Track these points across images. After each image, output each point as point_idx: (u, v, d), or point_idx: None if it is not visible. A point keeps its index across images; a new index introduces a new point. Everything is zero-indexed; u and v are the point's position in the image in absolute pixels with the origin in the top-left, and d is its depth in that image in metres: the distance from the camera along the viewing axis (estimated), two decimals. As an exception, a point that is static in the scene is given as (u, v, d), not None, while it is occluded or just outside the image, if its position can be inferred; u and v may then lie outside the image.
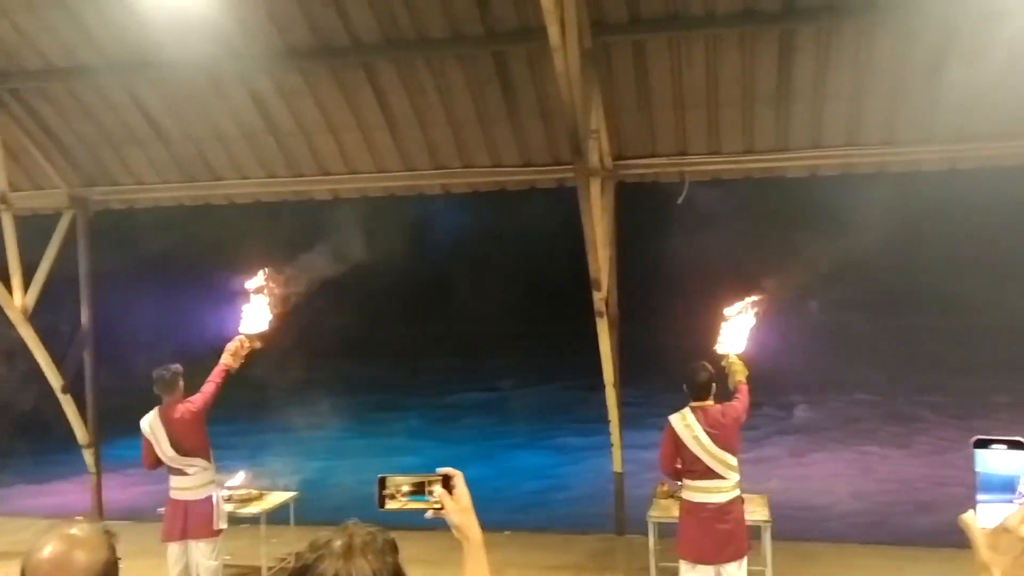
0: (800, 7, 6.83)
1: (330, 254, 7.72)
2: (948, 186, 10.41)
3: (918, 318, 25.01)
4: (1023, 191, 14.68)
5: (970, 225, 21.53)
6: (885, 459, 14.62)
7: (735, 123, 7.86)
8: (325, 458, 14.67)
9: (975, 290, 24.40)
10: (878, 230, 15.34)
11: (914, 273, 24.86)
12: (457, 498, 2.00)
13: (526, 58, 7.54)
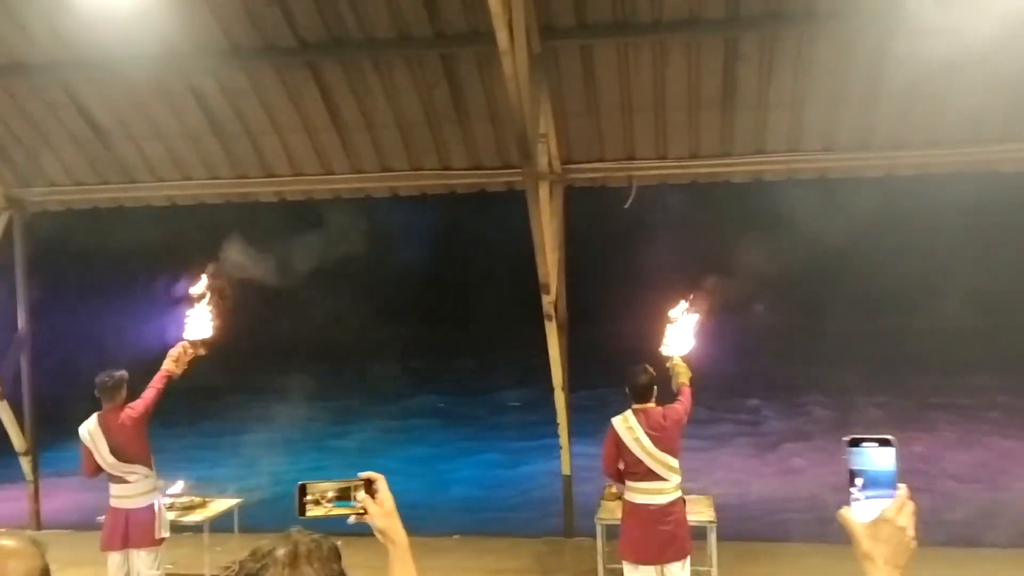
0: (744, 15, 6.94)
1: (276, 257, 7.62)
2: (887, 192, 10.67)
3: (858, 320, 25.61)
4: (958, 197, 15.18)
5: (908, 230, 22.12)
6: (831, 458, 14.90)
7: (681, 128, 7.96)
8: (269, 464, 14.46)
9: (913, 293, 25.10)
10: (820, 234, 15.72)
11: (853, 276, 25.46)
12: (381, 502, 1.98)
13: (475, 61, 7.53)
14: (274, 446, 15.24)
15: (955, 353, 21.42)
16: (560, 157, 8.12)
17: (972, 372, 20.12)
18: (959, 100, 7.37)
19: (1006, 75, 7.13)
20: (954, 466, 13.88)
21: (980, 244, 23.13)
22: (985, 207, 16.63)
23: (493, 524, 10.76)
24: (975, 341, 22.41)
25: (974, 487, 12.57)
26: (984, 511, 10.92)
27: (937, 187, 11.51)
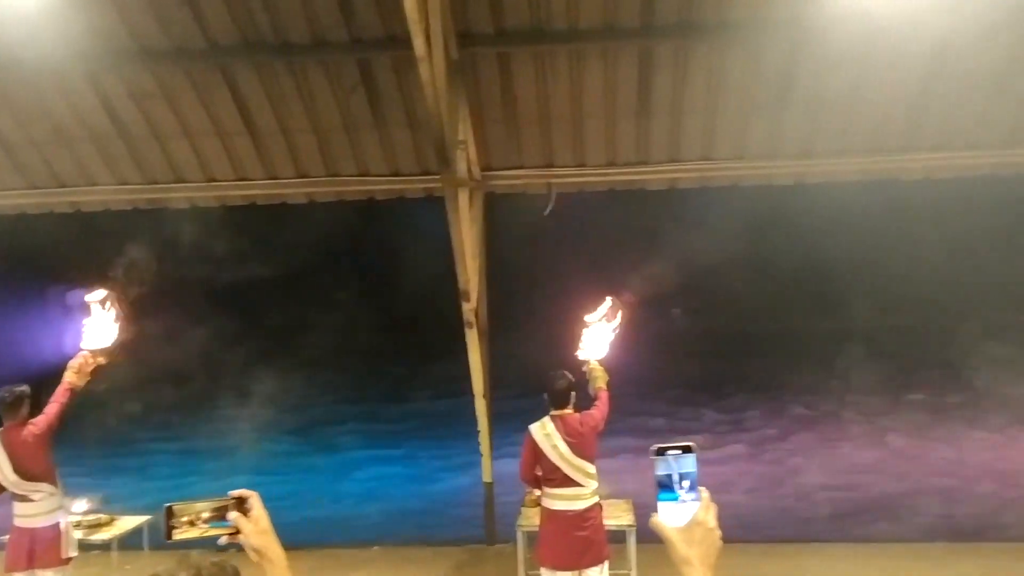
0: (658, 25, 7.07)
1: (186, 264, 7.40)
2: (797, 199, 11.01)
3: (771, 322, 26.33)
4: (865, 205, 15.79)
5: (816, 236, 22.85)
6: (750, 457, 15.25)
7: (599, 136, 8.05)
8: (177, 478, 14.02)
9: (822, 296, 25.95)
10: (734, 239, 16.15)
11: (766, 279, 26.16)
12: (255, 520, 1.91)
13: (392, 67, 7.48)
14: (185, 460, 14.80)
15: (863, 354, 22.24)
16: (480, 164, 8.12)
17: (880, 372, 20.90)
18: (863, 111, 7.66)
19: (906, 88, 7.45)
20: (865, 462, 14.38)
21: (884, 249, 24.08)
22: (888, 214, 17.37)
23: (414, 534, 10.65)
24: (883, 342, 23.31)
25: (882, 479, 13.05)
26: (888, 506, 11.36)
27: (847, 195, 11.91)
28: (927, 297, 24.19)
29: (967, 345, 21.44)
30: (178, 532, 1.86)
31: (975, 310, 24.01)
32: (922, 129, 7.77)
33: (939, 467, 13.92)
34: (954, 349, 21.38)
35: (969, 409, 17.91)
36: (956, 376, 20.03)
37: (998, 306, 23.86)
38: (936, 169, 8.19)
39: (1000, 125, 7.74)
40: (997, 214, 19.23)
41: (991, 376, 19.36)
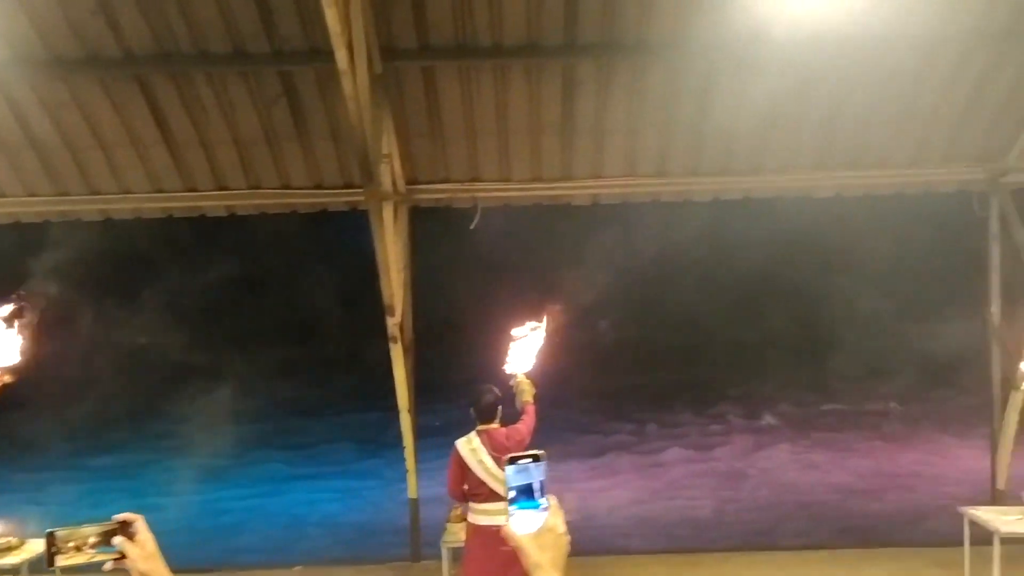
0: (580, 43, 7.17)
1: (98, 278, 7.16)
2: (717, 215, 11.28)
3: (693, 335, 26.85)
4: (781, 221, 16.24)
5: (735, 250, 23.43)
6: (665, 469, 15.49)
7: (524, 151, 8.11)
8: (91, 499, 13.52)
9: (742, 310, 26.59)
10: (657, 254, 16.46)
11: (691, 294, 26.67)
12: (141, 544, 1.86)
13: (315, 79, 7.40)
14: (98, 480, 14.28)
15: (782, 367, 22.89)
16: (405, 177, 8.10)
17: (799, 384, 21.53)
18: (777, 130, 7.90)
19: (818, 109, 7.72)
20: (792, 470, 14.76)
21: (799, 264, 24.83)
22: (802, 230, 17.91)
23: (338, 552, 10.49)
24: (801, 356, 24.01)
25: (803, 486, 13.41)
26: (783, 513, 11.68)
27: (763, 212, 12.24)
28: (840, 310, 25.02)
29: (882, 356, 22.25)
30: (63, 558, 1.80)
31: (886, 322, 24.93)
32: (833, 148, 8.06)
33: (854, 473, 14.39)
34: (868, 360, 22.16)
35: (885, 418, 18.59)
36: (872, 386, 20.76)
37: (909, 318, 24.84)
38: (847, 187, 8.51)
39: (907, 145, 8.09)
40: (906, 230, 20.05)
41: (908, 387, 20.13)
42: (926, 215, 13.82)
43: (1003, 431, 8.38)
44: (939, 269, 18.33)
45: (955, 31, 7.09)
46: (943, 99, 7.70)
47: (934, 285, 20.45)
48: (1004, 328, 8.44)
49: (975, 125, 7.92)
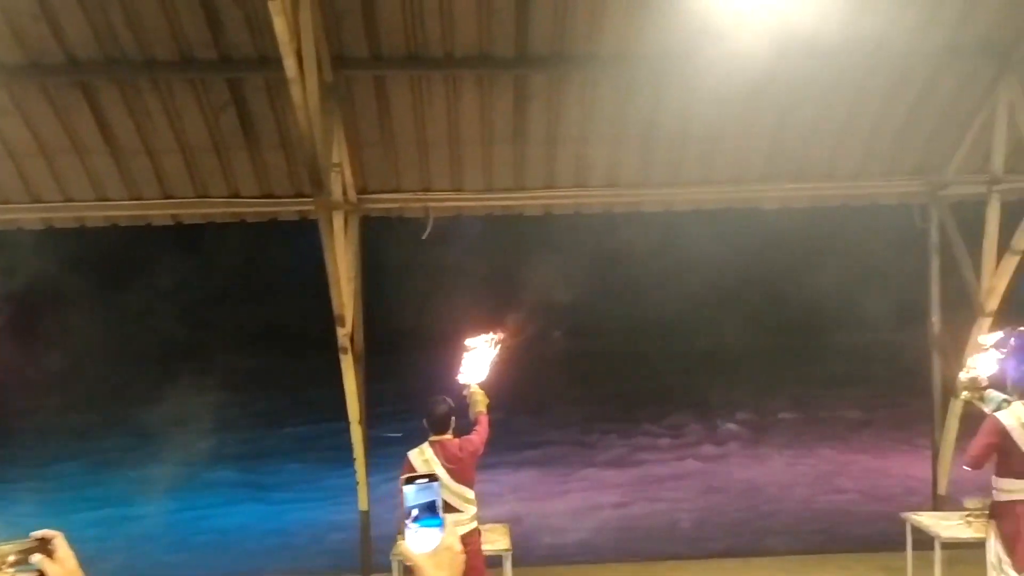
0: (532, 55, 7.21)
1: (36, 288, 6.98)
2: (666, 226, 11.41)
3: (647, 343, 27.10)
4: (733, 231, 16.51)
5: (686, 261, 23.74)
6: (620, 477, 15.57)
7: (476, 161, 8.12)
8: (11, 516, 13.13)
9: (694, 318, 26.92)
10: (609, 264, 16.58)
11: (642, 302, 26.94)
12: (61, 561, 1.82)
13: (265, 86, 7.32)
14: (27, 495, 13.88)
15: (734, 375, 23.20)
16: (356, 187, 8.04)
17: (749, 392, 21.83)
18: (725, 142, 8.02)
19: (765, 122, 7.86)
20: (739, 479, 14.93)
21: (748, 273, 25.26)
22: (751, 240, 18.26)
23: (288, 565, 10.34)
24: (752, 364, 24.37)
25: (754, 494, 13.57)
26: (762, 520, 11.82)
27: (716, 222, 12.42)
28: (790, 320, 25.47)
29: (829, 365, 22.67)
30: None
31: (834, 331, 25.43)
32: (780, 161, 8.21)
33: (802, 481, 14.61)
34: (817, 368, 22.57)
35: (832, 426, 18.92)
36: (820, 394, 21.13)
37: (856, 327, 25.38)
38: (793, 199, 8.68)
39: (850, 158, 8.28)
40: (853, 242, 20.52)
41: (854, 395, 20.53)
42: (873, 227, 14.14)
43: (944, 438, 8.59)
44: (885, 280, 18.79)
45: (894, 47, 7.28)
46: (884, 114, 7.90)
47: (880, 296, 20.95)
48: (944, 337, 8.66)
49: (915, 139, 8.14)
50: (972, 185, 8.07)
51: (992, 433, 5.87)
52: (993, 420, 5.90)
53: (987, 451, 5.88)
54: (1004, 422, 5.83)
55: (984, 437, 5.91)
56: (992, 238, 7.74)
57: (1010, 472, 5.88)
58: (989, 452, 5.89)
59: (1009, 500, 5.91)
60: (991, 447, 5.87)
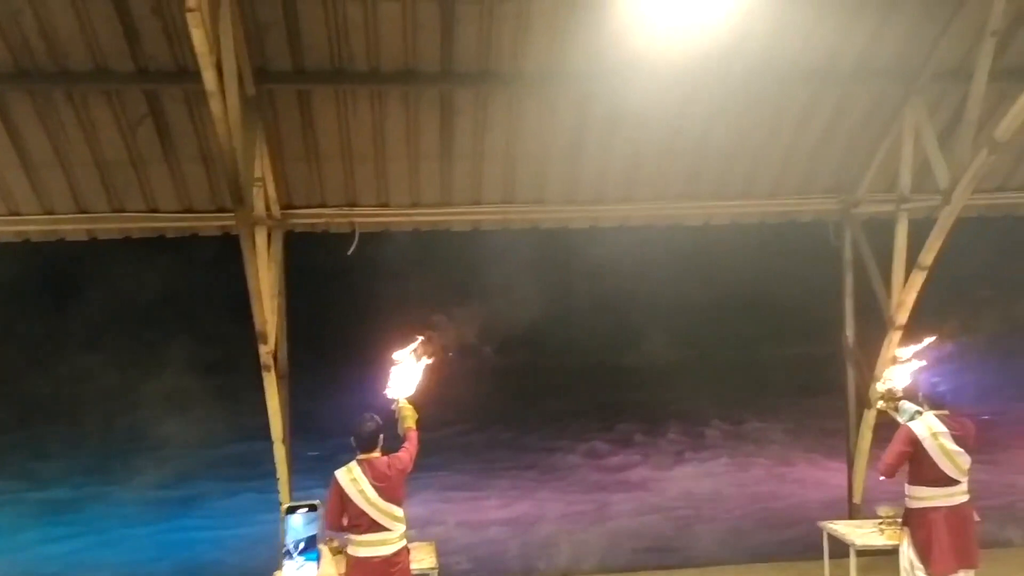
0: (457, 71, 7.24)
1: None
2: (593, 242, 11.52)
3: (576, 358, 27.31)
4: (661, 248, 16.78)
5: (612, 277, 24.05)
6: (547, 491, 15.59)
7: (402, 177, 8.10)
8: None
9: (622, 333, 27.27)
10: (537, 280, 16.71)
11: (571, 318, 27.18)
12: None
13: (184, 99, 7.18)
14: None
15: (664, 386, 23.57)
16: (280, 202, 7.93)
17: (682, 405, 22.17)
18: (648, 161, 8.19)
19: (685, 142, 8.03)
20: (662, 491, 15.12)
21: (672, 289, 25.70)
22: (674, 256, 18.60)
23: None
24: (679, 375, 24.77)
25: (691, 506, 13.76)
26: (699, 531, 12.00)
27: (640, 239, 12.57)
28: (715, 333, 26.00)
29: (751, 378, 23.20)
30: None
31: (757, 345, 26.05)
32: (700, 179, 8.41)
33: (723, 492, 14.89)
34: (738, 381, 23.06)
35: (758, 437, 19.33)
36: (741, 407, 21.58)
37: (777, 341, 26.05)
38: (714, 215, 8.90)
39: (767, 177, 8.53)
40: (774, 259, 21.07)
41: (774, 407, 21.03)
42: (792, 244, 14.54)
43: (858, 448, 8.87)
44: (803, 296, 19.32)
45: (807, 71, 7.54)
46: (799, 134, 8.17)
47: (799, 310, 21.53)
48: (857, 350, 8.96)
49: (829, 159, 8.44)
50: (882, 204, 8.41)
51: (905, 442, 6.10)
52: (906, 430, 6.13)
53: (900, 459, 6.10)
54: (916, 432, 6.06)
55: (897, 446, 6.13)
56: (901, 254, 8.06)
57: (922, 480, 6.11)
58: (902, 460, 6.11)
59: (921, 507, 6.14)
60: (904, 456, 6.09)
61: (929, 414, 6.14)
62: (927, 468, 6.06)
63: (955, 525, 6.08)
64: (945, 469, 6.03)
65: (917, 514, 6.17)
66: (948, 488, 6.08)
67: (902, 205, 8.06)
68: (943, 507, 6.08)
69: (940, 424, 6.04)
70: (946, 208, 7.39)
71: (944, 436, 6.02)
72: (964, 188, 7.21)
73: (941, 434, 6.02)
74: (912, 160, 7.94)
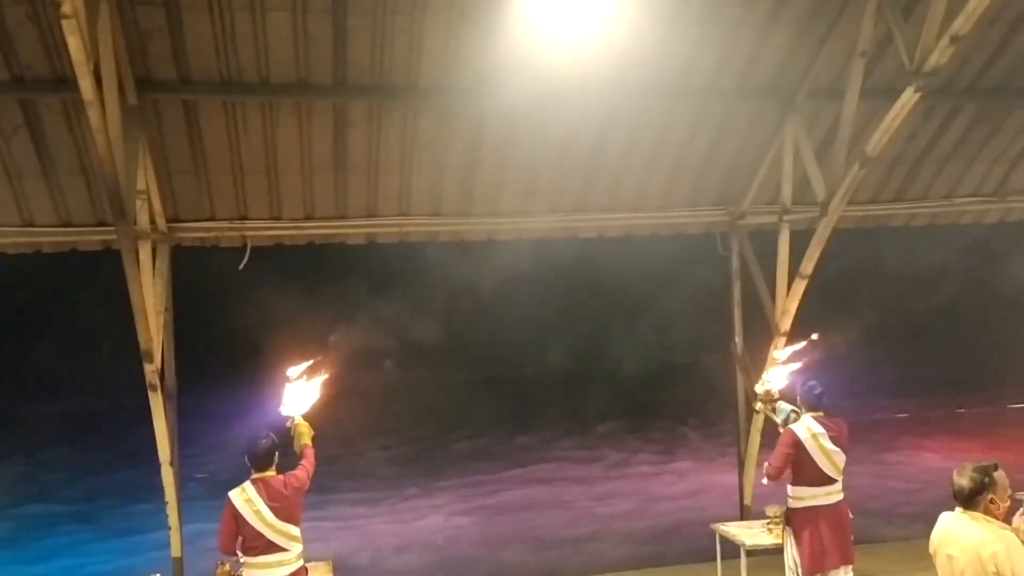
0: (351, 83, 7.17)
1: None
2: (492, 254, 11.59)
3: (479, 370, 27.32)
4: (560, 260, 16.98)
5: (510, 289, 24.21)
6: (451, 503, 15.51)
7: (295, 189, 7.96)
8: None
9: (522, 344, 27.46)
10: (437, 293, 16.67)
11: (473, 331, 27.18)
12: None
13: (62, 109, 6.88)
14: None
15: (563, 396, 23.85)
16: (166, 215, 7.67)
17: (581, 414, 22.42)
18: (543, 174, 8.30)
19: (579, 157, 8.19)
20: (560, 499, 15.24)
21: (572, 300, 26.08)
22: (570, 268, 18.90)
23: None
24: (573, 386, 25.10)
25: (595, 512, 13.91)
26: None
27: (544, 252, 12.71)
28: (613, 344, 26.49)
29: (647, 385, 23.74)
30: None
31: (652, 352, 26.67)
32: (593, 192, 8.57)
33: (621, 498, 15.16)
34: (634, 389, 23.55)
35: (656, 444, 19.75)
36: (641, 415, 22.01)
37: (672, 349, 26.74)
38: (607, 228, 9.09)
39: (657, 190, 8.77)
40: (669, 269, 21.63)
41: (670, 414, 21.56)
42: (684, 255, 14.98)
43: (748, 451, 9.19)
44: (697, 305, 19.92)
45: (693, 88, 7.81)
46: (687, 149, 8.44)
47: (694, 319, 22.18)
48: (745, 357, 9.29)
49: (715, 173, 8.74)
50: (766, 215, 8.76)
51: (789, 445, 6.36)
52: (789, 432, 6.39)
53: (786, 462, 6.36)
54: (798, 434, 6.34)
55: (782, 449, 6.39)
56: (784, 264, 8.41)
57: (804, 480, 6.39)
58: (787, 463, 6.37)
59: (803, 507, 6.41)
60: (789, 458, 6.35)
61: (807, 416, 6.42)
62: (808, 469, 6.34)
63: (834, 523, 6.38)
64: (825, 468, 6.33)
65: (800, 513, 6.44)
66: (827, 487, 6.38)
67: (784, 217, 8.42)
68: (823, 506, 6.37)
69: (818, 425, 6.33)
70: (823, 219, 7.76)
71: (823, 437, 6.31)
72: (839, 200, 7.60)
73: (820, 435, 6.31)
74: (792, 174, 8.30)
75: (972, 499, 3.84)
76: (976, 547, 3.73)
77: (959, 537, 3.84)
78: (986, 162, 9.38)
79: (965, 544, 3.79)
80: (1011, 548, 3.69)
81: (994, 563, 3.66)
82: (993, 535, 3.75)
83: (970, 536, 3.78)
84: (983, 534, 3.76)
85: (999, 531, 3.77)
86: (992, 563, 3.67)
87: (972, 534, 3.78)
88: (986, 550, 3.70)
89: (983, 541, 3.73)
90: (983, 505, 3.82)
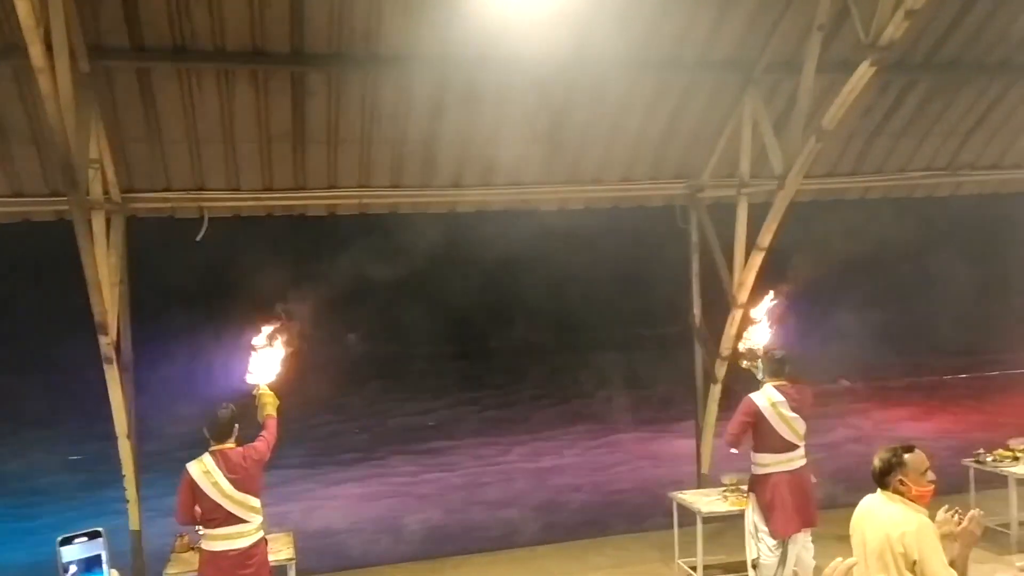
0: (309, 52, 7.07)
1: None
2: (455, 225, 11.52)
3: (442, 344, 27.38)
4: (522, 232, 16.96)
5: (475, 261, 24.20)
6: (409, 477, 15.58)
7: (253, 160, 7.86)
8: None
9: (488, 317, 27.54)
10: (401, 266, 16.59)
11: (434, 304, 27.18)
12: None
13: (12, 76, 6.70)
14: None
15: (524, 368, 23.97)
16: (120, 185, 7.53)
17: (543, 386, 22.61)
18: (505, 146, 8.25)
19: (541, 128, 8.16)
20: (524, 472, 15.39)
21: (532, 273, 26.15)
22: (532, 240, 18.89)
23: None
24: (535, 358, 25.26)
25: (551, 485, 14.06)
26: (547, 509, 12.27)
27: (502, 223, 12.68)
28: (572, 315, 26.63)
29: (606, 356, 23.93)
30: None
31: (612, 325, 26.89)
32: (555, 165, 8.57)
33: (584, 469, 15.35)
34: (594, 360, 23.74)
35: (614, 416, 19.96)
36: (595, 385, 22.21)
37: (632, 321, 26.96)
38: (568, 200, 9.10)
39: (618, 163, 8.80)
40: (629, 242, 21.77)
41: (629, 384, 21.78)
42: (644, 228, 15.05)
43: (705, 421, 9.35)
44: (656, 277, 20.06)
45: (653, 60, 7.82)
46: (647, 121, 8.46)
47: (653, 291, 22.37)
48: (705, 329, 9.42)
49: (675, 146, 8.79)
50: (724, 188, 8.85)
51: (746, 413, 6.53)
52: (748, 401, 6.55)
53: (743, 429, 6.53)
54: (757, 403, 6.51)
55: (739, 417, 6.56)
56: (741, 237, 8.52)
57: (765, 448, 6.56)
58: (745, 430, 6.54)
59: (765, 473, 6.59)
60: (746, 425, 6.52)
61: (768, 385, 6.58)
62: (768, 436, 6.50)
63: (796, 487, 6.55)
64: (786, 436, 6.50)
65: (761, 479, 6.60)
66: (788, 454, 6.55)
67: (742, 190, 8.50)
68: (785, 471, 6.54)
69: (778, 394, 6.49)
70: (781, 192, 7.86)
71: (782, 405, 6.48)
72: (796, 173, 7.70)
73: (779, 403, 6.48)
74: (751, 147, 8.38)
75: (883, 479, 3.97)
76: (887, 527, 3.83)
77: (873, 517, 3.95)
78: (939, 136, 9.54)
79: (877, 524, 3.89)
80: (921, 529, 3.77)
81: (902, 543, 3.74)
82: (905, 516, 3.84)
83: (883, 516, 3.89)
84: (895, 514, 3.85)
85: (913, 513, 3.86)
86: (900, 543, 3.75)
87: (885, 514, 3.88)
88: (896, 530, 3.78)
89: (895, 521, 3.82)
90: (892, 485, 3.93)
